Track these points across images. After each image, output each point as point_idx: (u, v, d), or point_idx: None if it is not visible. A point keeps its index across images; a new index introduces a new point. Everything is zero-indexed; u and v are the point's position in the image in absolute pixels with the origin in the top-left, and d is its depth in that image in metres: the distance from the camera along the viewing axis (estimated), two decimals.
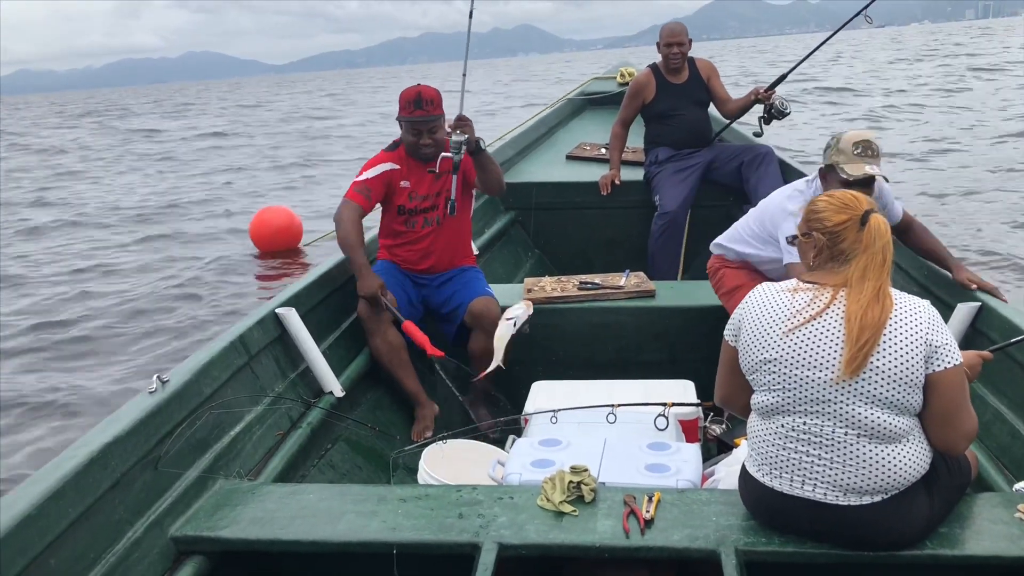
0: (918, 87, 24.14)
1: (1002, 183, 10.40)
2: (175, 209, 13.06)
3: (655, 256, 5.27)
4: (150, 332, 7.01)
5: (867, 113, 18.90)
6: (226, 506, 2.50)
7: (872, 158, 3.22)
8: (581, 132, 7.11)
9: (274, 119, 32.27)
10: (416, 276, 3.90)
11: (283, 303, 3.45)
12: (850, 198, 2.15)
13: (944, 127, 15.43)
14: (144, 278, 8.69)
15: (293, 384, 3.32)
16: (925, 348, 2.03)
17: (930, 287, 3.45)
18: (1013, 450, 2.64)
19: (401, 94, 3.76)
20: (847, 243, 2.11)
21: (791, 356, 2.09)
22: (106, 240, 10.98)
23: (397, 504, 2.46)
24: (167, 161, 20.46)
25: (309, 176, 16.05)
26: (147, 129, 31.51)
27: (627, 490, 2.44)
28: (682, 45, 5.29)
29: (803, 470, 2.11)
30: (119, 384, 5.86)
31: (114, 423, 2.42)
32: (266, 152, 20.63)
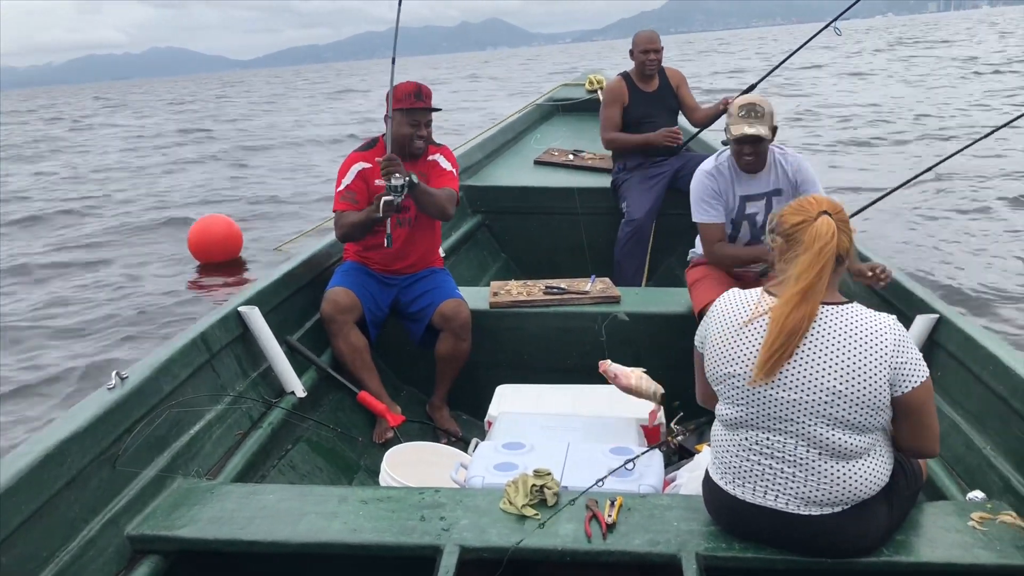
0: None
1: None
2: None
3: (621, 263, 5.30)
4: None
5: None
6: (184, 505, 2.47)
7: (756, 119, 3.44)
8: (549, 138, 7.13)
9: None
10: (385, 277, 3.87)
11: (245, 301, 3.41)
12: (808, 202, 2.13)
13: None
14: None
15: (254, 383, 3.28)
16: (889, 373, 2.02)
17: (888, 298, 3.50)
18: (967, 460, 2.69)
19: (397, 87, 3.73)
20: (802, 246, 2.07)
21: (744, 368, 2.10)
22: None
23: (358, 506, 2.44)
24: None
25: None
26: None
27: (590, 494, 2.44)
28: (658, 52, 5.33)
29: (766, 481, 2.13)
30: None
31: (71, 420, 2.38)
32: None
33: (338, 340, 3.66)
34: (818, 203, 2.12)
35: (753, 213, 3.67)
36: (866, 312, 2.09)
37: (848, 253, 2.12)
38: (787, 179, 3.65)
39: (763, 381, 2.05)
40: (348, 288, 3.71)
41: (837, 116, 17.89)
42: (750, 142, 3.48)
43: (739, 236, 3.73)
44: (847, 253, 2.11)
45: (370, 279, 3.84)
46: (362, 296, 3.73)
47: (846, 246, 2.09)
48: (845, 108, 19.22)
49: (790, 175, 3.65)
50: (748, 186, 3.65)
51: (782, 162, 3.67)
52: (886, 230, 8.58)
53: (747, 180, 3.65)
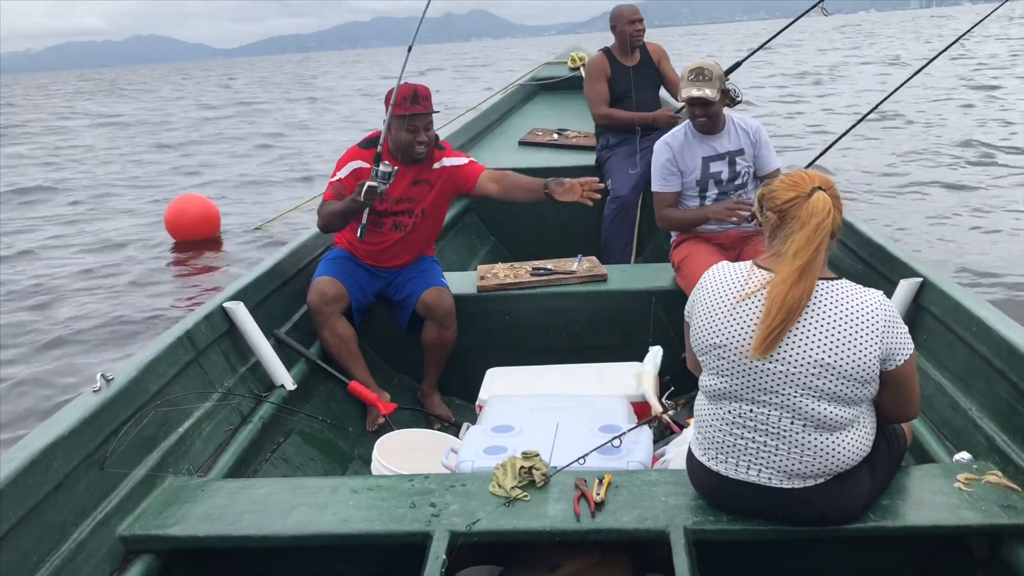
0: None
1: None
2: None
3: (608, 241, 5.29)
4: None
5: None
6: (175, 503, 2.47)
7: (703, 82, 3.61)
8: (533, 117, 7.10)
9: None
10: (373, 269, 3.86)
11: (231, 297, 3.40)
12: (800, 176, 2.12)
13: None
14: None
15: (243, 379, 3.28)
16: (881, 350, 2.03)
17: (873, 264, 3.50)
18: (953, 422, 2.70)
19: (392, 92, 3.62)
20: (793, 221, 2.07)
21: (733, 339, 2.11)
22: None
23: (349, 495, 2.45)
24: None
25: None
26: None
27: (578, 474, 2.45)
28: (642, 22, 5.33)
29: (748, 456, 2.13)
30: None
31: (56, 424, 2.38)
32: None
33: (324, 330, 3.65)
34: (811, 178, 2.11)
35: (717, 171, 3.82)
36: (857, 288, 2.10)
37: (839, 228, 2.12)
38: (748, 139, 3.84)
39: (761, 356, 2.05)
40: (334, 277, 3.69)
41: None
42: (699, 104, 3.66)
43: (707, 194, 3.84)
44: (839, 228, 2.12)
45: (359, 269, 3.82)
46: (348, 284, 3.71)
47: (839, 222, 2.10)
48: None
49: (751, 136, 3.84)
50: (709, 147, 3.81)
51: (741, 125, 3.86)
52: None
53: (708, 141, 3.81)
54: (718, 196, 3.81)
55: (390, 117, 3.62)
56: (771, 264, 2.13)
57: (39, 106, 36.91)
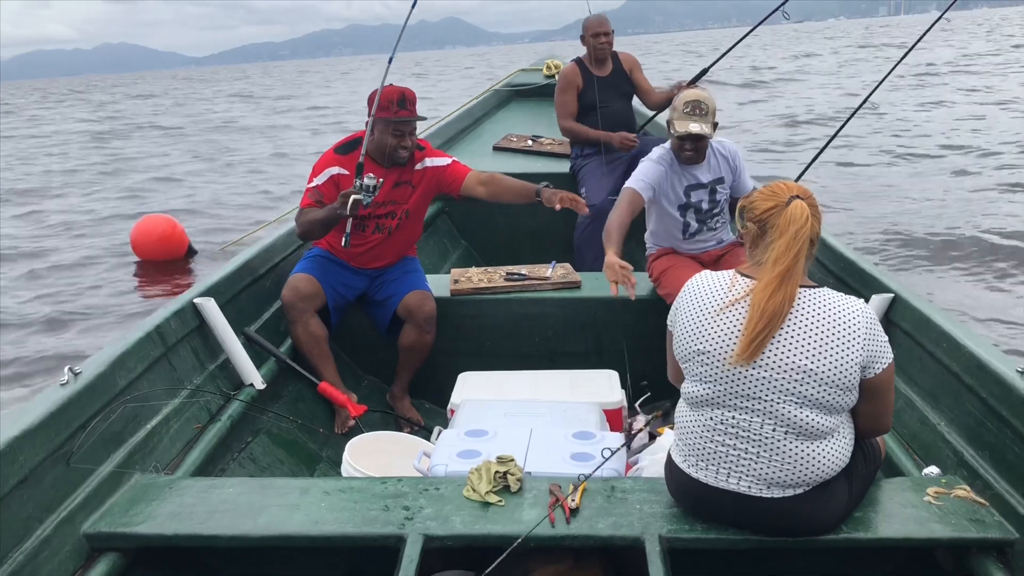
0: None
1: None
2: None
3: (580, 248, 5.30)
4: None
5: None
6: (142, 501, 2.42)
7: (700, 116, 3.55)
8: (507, 123, 7.11)
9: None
10: (355, 268, 3.82)
11: (201, 293, 3.35)
12: (778, 187, 2.16)
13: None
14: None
15: (212, 376, 3.23)
16: (862, 356, 2.06)
17: (845, 279, 3.55)
18: (922, 436, 2.74)
19: (380, 93, 3.56)
20: (773, 231, 2.10)
21: (717, 346, 2.12)
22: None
23: (320, 497, 2.42)
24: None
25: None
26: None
27: (553, 479, 2.45)
28: (608, 35, 5.34)
29: (729, 463, 2.14)
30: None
31: (22, 417, 2.32)
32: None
33: (297, 327, 3.61)
34: (788, 188, 2.15)
35: (698, 201, 3.79)
36: (838, 295, 2.13)
37: (818, 236, 2.15)
38: (728, 166, 3.82)
39: (745, 363, 2.06)
40: (311, 275, 3.65)
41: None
42: (692, 139, 3.60)
43: (688, 223, 3.82)
44: (817, 237, 2.14)
45: (339, 266, 3.77)
46: (325, 283, 3.67)
47: (817, 230, 2.13)
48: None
49: (730, 162, 3.82)
50: (691, 176, 3.77)
51: (720, 150, 3.82)
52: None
53: (690, 170, 3.77)
54: (699, 225, 3.82)
55: (374, 119, 3.57)
56: (753, 272, 2.15)
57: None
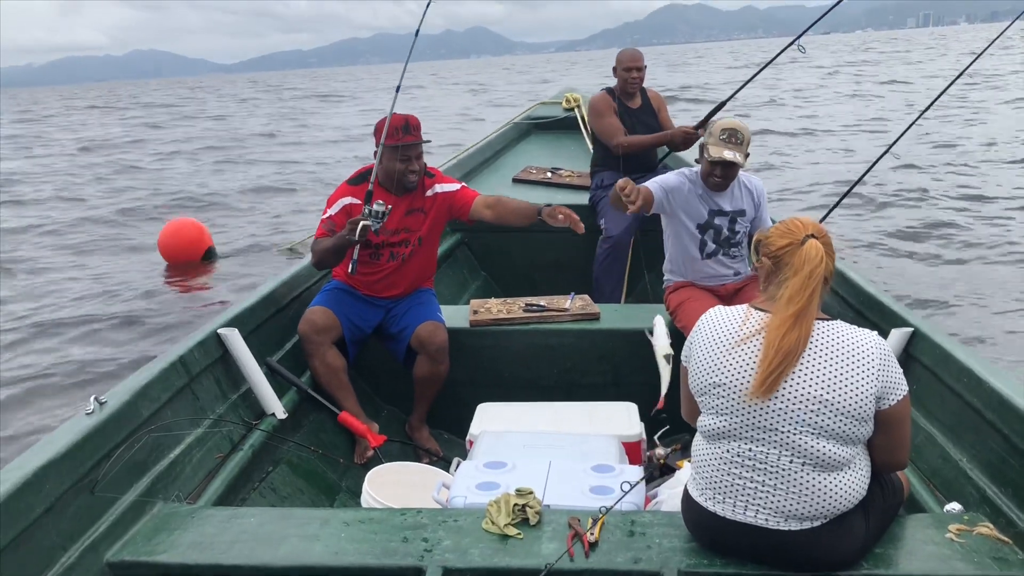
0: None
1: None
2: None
3: (599, 279, 5.32)
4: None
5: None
6: (164, 530, 2.45)
7: (734, 145, 3.59)
8: (527, 156, 7.16)
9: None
10: (371, 299, 3.86)
11: (225, 323, 3.40)
12: (794, 224, 2.18)
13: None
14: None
15: (234, 406, 3.27)
16: (877, 387, 2.07)
17: (864, 312, 3.55)
18: (944, 472, 2.72)
19: (383, 123, 3.66)
20: (789, 268, 2.13)
21: (733, 379, 2.13)
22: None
23: (340, 527, 2.43)
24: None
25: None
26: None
27: (572, 512, 2.45)
28: (640, 70, 5.37)
29: (746, 496, 2.14)
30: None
31: (48, 446, 2.35)
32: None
33: (314, 360, 3.65)
34: (804, 226, 2.18)
35: (719, 226, 3.83)
36: (852, 327, 2.14)
37: (832, 275, 2.17)
38: (751, 200, 3.87)
39: (761, 398, 2.07)
40: (327, 308, 3.70)
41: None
42: (723, 166, 3.64)
43: (706, 243, 3.85)
44: (831, 275, 2.17)
45: (354, 299, 3.82)
46: (341, 316, 3.72)
47: (831, 268, 2.16)
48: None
49: (754, 197, 3.87)
50: (714, 202, 3.82)
51: (747, 183, 3.87)
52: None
53: (714, 197, 3.82)
54: (715, 250, 3.85)
55: (382, 148, 3.67)
56: (767, 306, 2.18)
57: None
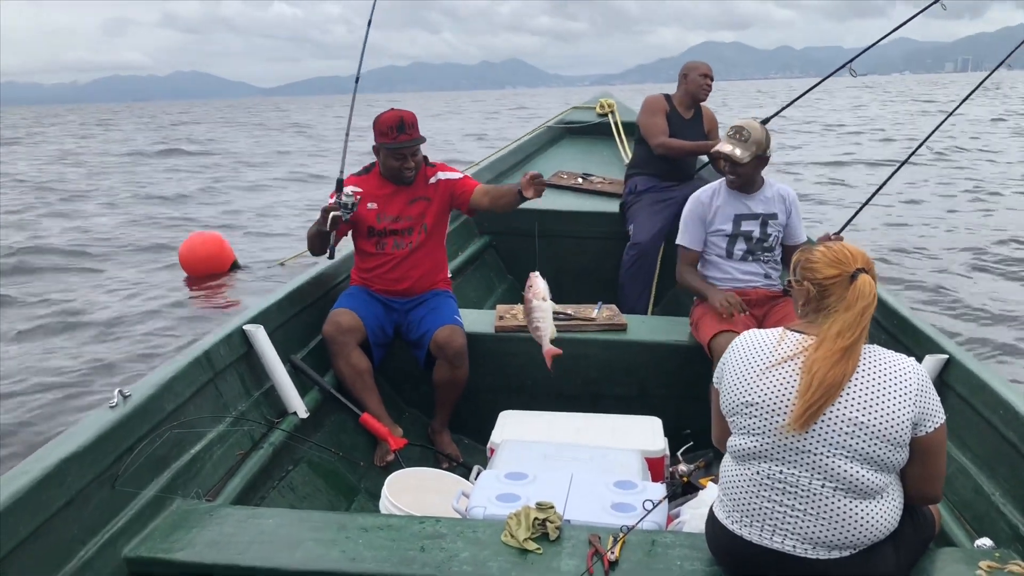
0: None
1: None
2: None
3: (625, 285, 5.27)
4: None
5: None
6: (182, 528, 2.44)
7: (739, 141, 3.67)
8: (559, 160, 7.12)
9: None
10: (388, 300, 3.86)
11: (251, 319, 3.39)
12: (843, 253, 2.14)
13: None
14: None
15: (257, 403, 3.26)
16: (914, 413, 2.03)
17: (898, 336, 3.48)
18: (975, 506, 2.66)
19: (379, 120, 3.75)
20: (834, 298, 2.11)
21: (768, 399, 2.09)
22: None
23: (358, 533, 2.41)
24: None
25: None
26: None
27: (592, 529, 2.42)
28: (712, 79, 5.34)
29: (774, 520, 2.10)
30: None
31: (72, 438, 2.36)
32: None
33: (339, 361, 3.64)
34: (854, 257, 2.14)
35: (749, 230, 3.81)
36: (889, 352, 2.11)
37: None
38: (783, 206, 3.86)
39: (799, 431, 2.03)
40: (351, 310, 3.70)
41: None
42: (725, 160, 3.71)
43: (734, 249, 3.83)
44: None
45: (374, 301, 3.83)
46: (365, 318, 3.72)
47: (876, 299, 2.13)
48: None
49: (787, 203, 3.87)
50: (744, 205, 3.81)
51: (779, 191, 3.89)
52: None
53: (743, 199, 3.82)
54: (745, 253, 3.81)
55: (380, 145, 3.76)
56: (805, 328, 2.14)
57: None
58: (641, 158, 5.49)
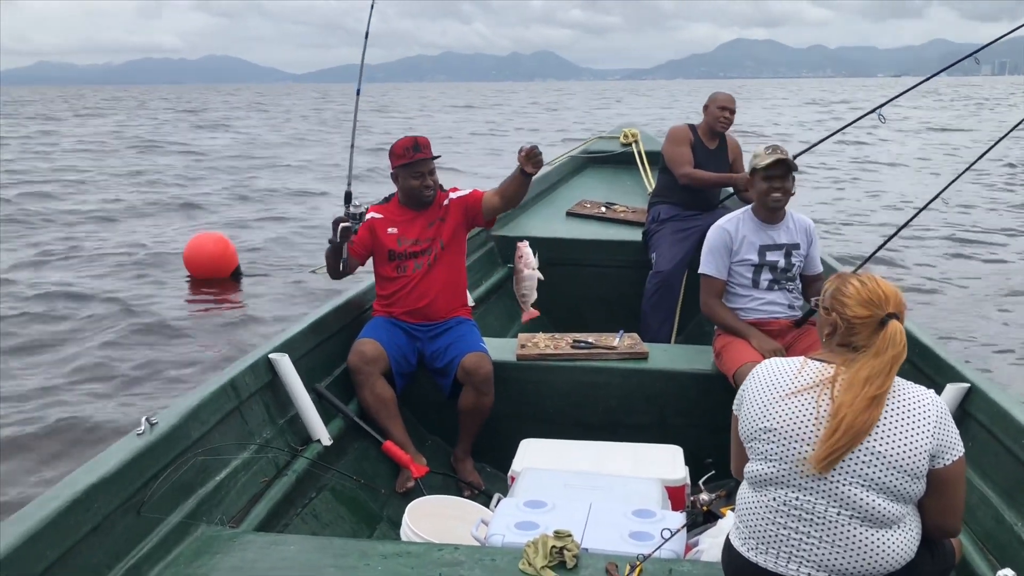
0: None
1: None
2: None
3: (647, 315, 5.28)
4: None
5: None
6: (206, 553, 2.48)
7: (783, 154, 3.69)
8: (582, 190, 7.17)
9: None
10: (411, 327, 3.91)
11: (276, 348, 3.45)
12: (879, 295, 2.12)
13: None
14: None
15: (281, 431, 3.31)
16: (932, 445, 2.02)
17: (919, 365, 3.46)
18: (997, 536, 2.63)
19: (394, 146, 3.90)
20: (861, 337, 2.09)
21: (786, 427, 2.09)
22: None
23: (378, 560, 2.44)
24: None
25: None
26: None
27: (610, 557, 2.43)
28: (732, 113, 5.34)
29: (790, 547, 2.10)
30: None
31: (99, 465, 2.41)
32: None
33: (364, 391, 3.69)
34: (887, 299, 2.12)
35: (774, 260, 3.82)
36: (908, 383, 2.10)
37: None
38: (805, 236, 3.87)
39: (821, 473, 2.03)
40: (375, 340, 3.76)
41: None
42: (781, 169, 3.67)
43: (760, 279, 3.83)
44: None
45: (397, 331, 3.88)
46: (388, 347, 3.77)
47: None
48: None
49: (808, 234, 3.88)
50: (768, 236, 3.81)
51: (799, 220, 3.89)
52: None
53: (767, 230, 3.81)
54: (770, 283, 3.81)
55: (397, 169, 3.89)
56: (828, 358, 2.14)
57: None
58: (664, 186, 5.52)
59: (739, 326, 3.76)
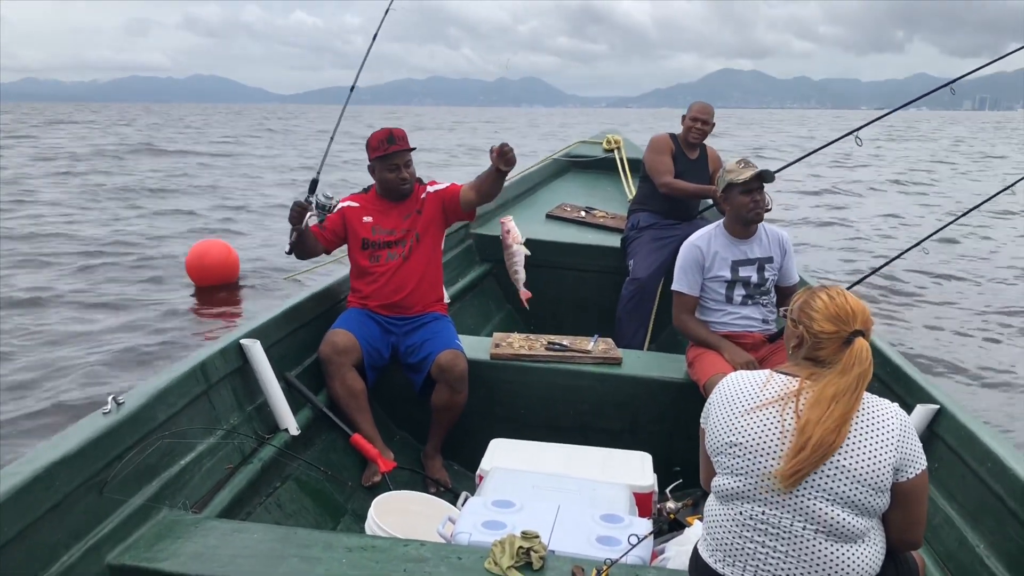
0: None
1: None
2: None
3: (622, 320, 5.29)
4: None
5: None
6: (167, 537, 2.44)
7: (754, 168, 3.67)
8: (563, 192, 7.17)
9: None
10: (386, 320, 3.88)
11: (248, 334, 3.41)
12: (846, 311, 2.13)
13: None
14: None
15: (249, 417, 3.27)
16: (896, 458, 2.03)
17: (891, 385, 3.49)
18: (959, 556, 2.66)
19: (370, 139, 3.88)
20: (827, 352, 2.10)
21: (751, 441, 2.10)
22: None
23: (343, 553, 2.41)
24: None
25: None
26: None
27: (576, 560, 2.42)
28: (706, 124, 5.34)
29: (756, 561, 2.10)
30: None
31: (62, 442, 2.36)
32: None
33: (334, 381, 3.66)
34: (854, 315, 2.12)
35: (747, 276, 3.81)
36: (873, 397, 2.11)
37: None
38: (779, 248, 3.86)
39: (787, 489, 2.04)
40: (348, 331, 3.72)
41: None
42: (759, 180, 3.65)
43: (734, 295, 3.82)
44: None
45: (371, 323, 3.85)
46: (361, 339, 3.74)
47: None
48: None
49: (782, 245, 3.87)
50: (740, 251, 3.80)
51: (773, 232, 3.88)
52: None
53: (739, 245, 3.80)
54: (744, 298, 3.80)
55: (373, 161, 3.87)
56: (792, 370, 2.14)
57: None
58: (645, 195, 5.54)
59: (712, 339, 3.76)
